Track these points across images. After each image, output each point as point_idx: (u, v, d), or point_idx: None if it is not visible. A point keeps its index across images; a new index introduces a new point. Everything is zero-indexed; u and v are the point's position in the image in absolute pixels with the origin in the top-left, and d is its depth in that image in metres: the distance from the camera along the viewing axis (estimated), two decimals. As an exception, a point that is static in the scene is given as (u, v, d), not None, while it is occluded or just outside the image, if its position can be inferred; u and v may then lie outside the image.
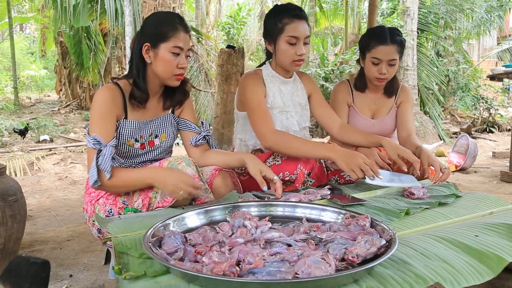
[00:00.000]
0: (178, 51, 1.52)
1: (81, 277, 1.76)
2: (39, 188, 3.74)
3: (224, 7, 16.67)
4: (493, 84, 8.96)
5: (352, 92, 2.16)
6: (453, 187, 1.66)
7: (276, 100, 1.89)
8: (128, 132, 1.56)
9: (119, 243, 1.06)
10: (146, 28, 1.55)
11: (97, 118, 1.47)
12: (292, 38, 1.76)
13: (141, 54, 1.53)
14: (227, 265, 0.82)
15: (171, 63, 1.51)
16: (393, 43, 1.95)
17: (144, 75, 1.56)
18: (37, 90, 14.50)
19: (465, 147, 4.51)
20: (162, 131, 1.67)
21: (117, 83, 1.55)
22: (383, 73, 1.98)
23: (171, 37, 1.50)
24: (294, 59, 1.79)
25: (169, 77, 1.54)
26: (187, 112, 1.73)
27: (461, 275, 0.86)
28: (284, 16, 1.77)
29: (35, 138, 6.63)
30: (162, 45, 1.50)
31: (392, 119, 2.17)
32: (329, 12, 11.17)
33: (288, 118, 1.92)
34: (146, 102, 1.58)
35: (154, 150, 1.65)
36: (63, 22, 8.42)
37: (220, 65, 4.03)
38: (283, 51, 1.79)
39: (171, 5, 7.53)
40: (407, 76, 6.97)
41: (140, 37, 1.55)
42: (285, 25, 1.76)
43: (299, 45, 1.77)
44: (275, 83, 1.90)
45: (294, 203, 1.31)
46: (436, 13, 8.07)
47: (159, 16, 1.58)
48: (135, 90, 1.54)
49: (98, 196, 1.54)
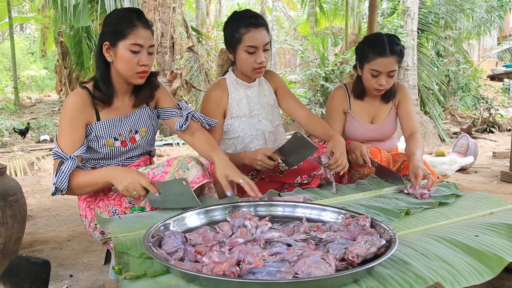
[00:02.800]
0: (138, 48, 1.47)
1: (81, 277, 1.76)
2: (39, 188, 3.74)
3: (224, 7, 16.67)
4: (494, 84, 8.96)
5: (350, 98, 2.10)
6: (453, 187, 1.66)
7: (241, 108, 1.89)
8: (104, 132, 1.54)
9: (119, 243, 1.06)
10: (105, 27, 1.51)
11: (64, 126, 1.46)
12: (250, 47, 1.74)
13: (102, 53, 1.50)
14: (227, 265, 0.82)
15: (131, 61, 1.47)
16: (392, 54, 1.88)
17: (107, 75, 1.53)
18: (37, 90, 14.49)
19: (466, 147, 4.50)
20: (141, 126, 1.64)
21: (85, 86, 1.53)
22: (382, 84, 1.92)
23: (128, 34, 1.45)
24: (255, 67, 1.78)
25: (131, 75, 1.50)
26: (163, 100, 1.69)
27: (461, 275, 0.86)
28: (240, 26, 1.74)
29: (35, 138, 6.63)
30: (120, 43, 1.46)
31: (391, 121, 2.12)
32: (329, 12, 11.16)
33: (260, 120, 1.92)
34: (109, 102, 1.55)
35: (136, 146, 1.63)
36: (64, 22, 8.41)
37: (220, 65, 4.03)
38: (243, 60, 1.79)
39: (171, 5, 7.53)
40: (407, 76, 6.97)
41: (100, 36, 1.51)
42: (242, 35, 1.74)
43: (258, 53, 1.75)
44: (239, 90, 1.90)
45: (294, 203, 1.31)
46: (436, 13, 8.06)
47: (117, 13, 1.54)
48: (96, 92, 1.52)
49: (96, 200, 1.53)
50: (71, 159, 1.42)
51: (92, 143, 1.54)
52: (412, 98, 2.14)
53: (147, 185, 1.36)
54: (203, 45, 9.19)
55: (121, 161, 1.63)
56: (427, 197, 1.52)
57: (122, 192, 1.38)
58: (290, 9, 16.08)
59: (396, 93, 2.10)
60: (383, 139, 2.12)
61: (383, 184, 1.73)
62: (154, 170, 1.54)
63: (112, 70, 1.53)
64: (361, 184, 1.74)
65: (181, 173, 1.50)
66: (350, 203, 1.45)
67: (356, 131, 2.08)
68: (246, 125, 1.89)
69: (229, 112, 1.88)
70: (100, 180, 1.43)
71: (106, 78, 1.52)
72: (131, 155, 1.64)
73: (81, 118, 1.48)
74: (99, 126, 1.53)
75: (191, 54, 8.25)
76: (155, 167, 1.55)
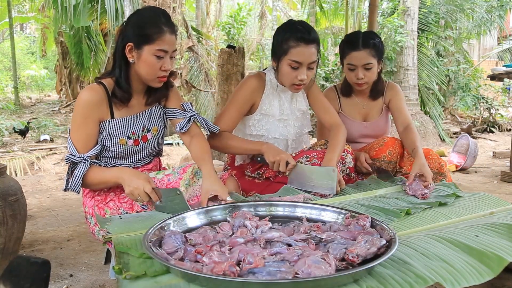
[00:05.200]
0: (163, 54, 1.45)
1: (82, 277, 1.76)
2: (40, 188, 3.75)
3: (225, 7, 16.66)
4: (494, 84, 8.95)
5: (340, 99, 2.17)
6: (453, 187, 1.66)
7: (272, 108, 1.88)
8: (118, 130, 1.53)
9: (119, 243, 1.06)
10: (130, 27, 1.47)
11: (78, 122, 1.46)
12: (294, 62, 1.71)
13: (124, 53, 1.48)
14: (227, 265, 0.82)
15: (154, 66, 1.46)
16: (365, 47, 1.94)
17: (126, 74, 1.51)
18: (37, 90, 14.49)
19: (466, 147, 4.50)
20: (153, 124, 1.64)
21: (101, 82, 1.51)
22: (359, 77, 1.98)
23: (155, 39, 1.43)
24: (294, 82, 1.75)
25: (152, 79, 1.50)
26: (172, 100, 1.68)
27: (461, 275, 0.86)
28: (291, 38, 1.70)
29: (35, 138, 6.63)
30: (146, 47, 1.44)
31: (384, 119, 2.18)
32: (329, 12, 11.16)
33: (286, 126, 1.92)
34: (128, 101, 1.55)
35: (148, 145, 1.63)
36: (64, 22, 8.42)
37: (220, 65, 4.02)
38: (284, 72, 1.76)
39: (171, 5, 7.52)
40: (408, 76, 6.97)
41: (124, 35, 1.48)
42: (290, 47, 1.70)
43: (301, 70, 1.72)
44: (275, 90, 1.89)
45: (295, 203, 1.31)
46: (436, 13, 8.06)
47: (144, 14, 1.49)
48: (117, 90, 1.50)
49: (106, 200, 1.52)
50: (84, 161, 1.43)
51: (105, 141, 1.52)
52: (404, 96, 2.17)
53: (150, 192, 1.37)
54: (203, 45, 9.19)
55: (133, 162, 1.62)
56: (429, 196, 1.52)
57: (127, 195, 1.40)
58: (290, 9, 16.07)
59: (385, 92, 2.16)
60: (377, 137, 2.16)
61: (383, 184, 1.73)
62: (169, 176, 1.54)
63: (132, 70, 1.51)
64: (361, 184, 1.75)
65: (195, 180, 1.52)
66: (350, 203, 1.45)
67: (350, 129, 2.11)
68: (272, 126, 1.89)
69: (260, 107, 1.87)
70: (111, 180, 1.45)
71: (127, 78, 1.51)
72: (142, 155, 1.64)
73: (95, 114, 1.47)
74: (113, 124, 1.52)
75: (191, 54, 8.24)
76: (170, 173, 1.56)
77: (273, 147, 1.74)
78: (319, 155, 1.77)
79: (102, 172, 1.47)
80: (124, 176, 1.40)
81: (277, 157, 1.67)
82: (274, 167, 1.69)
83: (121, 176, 1.41)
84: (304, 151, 1.86)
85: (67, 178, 1.46)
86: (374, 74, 2.02)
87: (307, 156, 1.80)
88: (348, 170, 1.84)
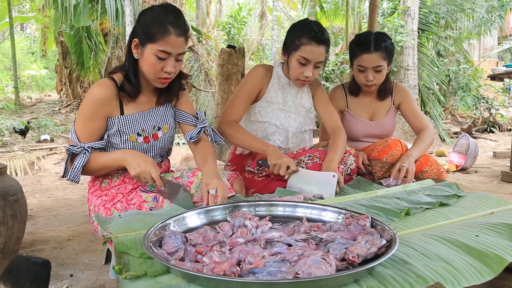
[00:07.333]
0: (165, 55, 1.41)
1: (82, 276, 1.76)
2: (40, 187, 3.75)
3: (225, 6, 16.66)
4: (494, 84, 8.95)
5: (347, 97, 2.19)
6: (455, 187, 1.65)
7: (277, 97, 1.94)
8: (128, 127, 1.52)
9: (119, 243, 1.06)
10: (138, 23, 1.46)
11: (84, 115, 1.46)
12: (303, 59, 1.78)
13: (131, 48, 1.47)
14: (227, 265, 0.82)
15: (155, 66, 1.43)
16: (377, 50, 1.95)
17: (135, 69, 1.49)
18: (37, 89, 14.50)
19: (466, 147, 4.50)
20: (164, 123, 1.63)
21: (112, 77, 1.50)
22: (369, 79, 2.00)
23: (158, 39, 1.39)
24: (300, 78, 1.83)
25: (153, 79, 1.48)
26: (183, 102, 1.67)
27: (462, 275, 0.86)
28: (304, 35, 1.77)
29: (35, 137, 6.64)
30: (148, 46, 1.41)
31: (390, 120, 2.18)
32: (329, 12, 11.15)
33: (287, 117, 1.95)
34: (136, 96, 1.53)
35: (158, 143, 1.61)
36: (64, 22, 8.42)
37: (220, 65, 4.02)
38: (292, 67, 1.84)
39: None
40: (408, 76, 6.97)
41: (134, 29, 1.48)
42: (302, 44, 1.77)
43: (308, 67, 1.80)
44: (280, 82, 1.95)
45: (295, 203, 1.31)
46: (436, 13, 8.06)
47: (153, 12, 1.45)
48: (126, 84, 1.49)
49: (114, 200, 1.51)
50: (85, 151, 1.42)
51: (114, 138, 1.51)
52: (414, 98, 2.19)
53: (156, 178, 1.41)
54: (203, 44, 9.19)
55: None
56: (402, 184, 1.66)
57: (133, 177, 1.43)
58: (291, 9, 16.06)
59: (394, 93, 2.17)
60: (383, 136, 2.16)
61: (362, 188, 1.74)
62: (178, 180, 1.54)
63: (139, 65, 1.50)
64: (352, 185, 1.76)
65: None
66: (351, 203, 1.45)
67: (355, 128, 2.13)
68: (274, 113, 1.93)
69: (266, 95, 1.93)
70: (114, 164, 1.46)
71: (136, 72, 1.50)
72: (152, 154, 1.61)
73: (103, 110, 1.46)
74: (123, 120, 1.51)
75: (191, 53, 8.25)
76: (180, 176, 1.56)
77: (277, 151, 1.76)
78: (322, 155, 1.80)
79: (103, 157, 1.46)
80: (128, 158, 1.42)
81: (279, 160, 1.69)
82: (275, 170, 1.71)
83: (126, 158, 1.42)
84: (306, 150, 1.88)
85: (66, 166, 1.45)
86: (384, 76, 2.04)
87: (310, 154, 1.82)
88: (349, 170, 1.84)
